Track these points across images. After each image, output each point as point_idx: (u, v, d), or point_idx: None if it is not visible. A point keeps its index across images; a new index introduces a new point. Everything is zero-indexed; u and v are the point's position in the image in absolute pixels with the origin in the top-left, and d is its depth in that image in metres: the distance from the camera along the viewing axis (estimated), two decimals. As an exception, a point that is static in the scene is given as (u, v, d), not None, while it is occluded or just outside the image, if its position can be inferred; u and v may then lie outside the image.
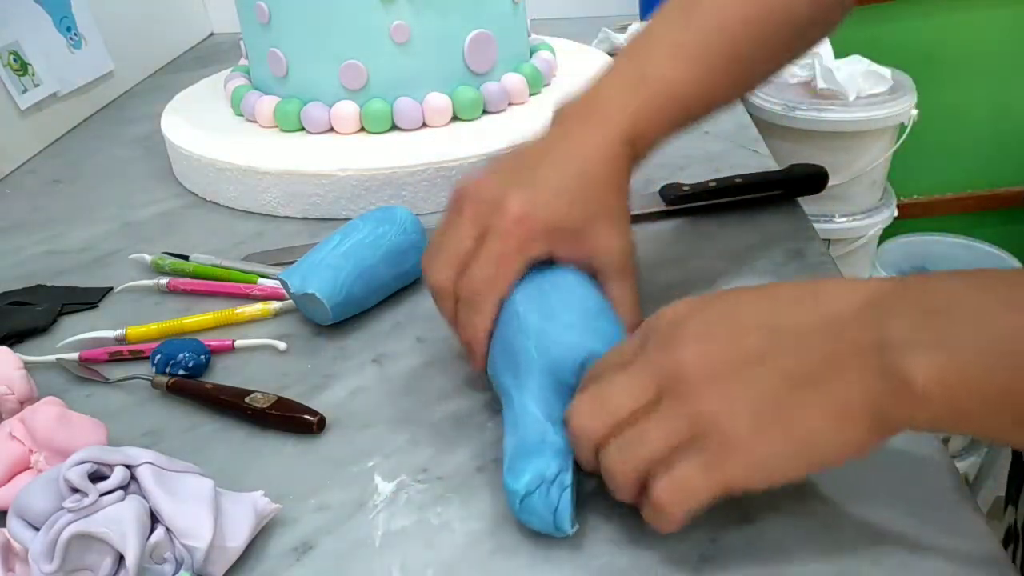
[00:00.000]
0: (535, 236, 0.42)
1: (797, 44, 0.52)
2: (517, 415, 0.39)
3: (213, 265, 0.61)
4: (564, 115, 0.48)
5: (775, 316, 0.33)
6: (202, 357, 0.50)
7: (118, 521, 0.34)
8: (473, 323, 0.43)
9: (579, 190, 0.44)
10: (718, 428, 0.32)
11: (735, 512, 0.38)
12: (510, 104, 0.76)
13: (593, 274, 0.44)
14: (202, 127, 0.76)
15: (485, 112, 0.75)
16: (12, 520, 0.35)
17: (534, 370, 0.40)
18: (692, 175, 0.66)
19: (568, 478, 0.37)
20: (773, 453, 0.32)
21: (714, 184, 0.64)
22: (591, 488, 0.40)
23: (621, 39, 1.01)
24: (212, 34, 1.31)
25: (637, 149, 0.46)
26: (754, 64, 0.51)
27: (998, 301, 0.30)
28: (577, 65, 0.86)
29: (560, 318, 0.41)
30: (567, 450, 0.37)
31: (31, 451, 0.42)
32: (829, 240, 1.37)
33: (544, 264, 0.44)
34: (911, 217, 1.61)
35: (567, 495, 0.36)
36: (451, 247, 0.43)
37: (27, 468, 0.42)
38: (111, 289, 0.60)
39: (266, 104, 0.74)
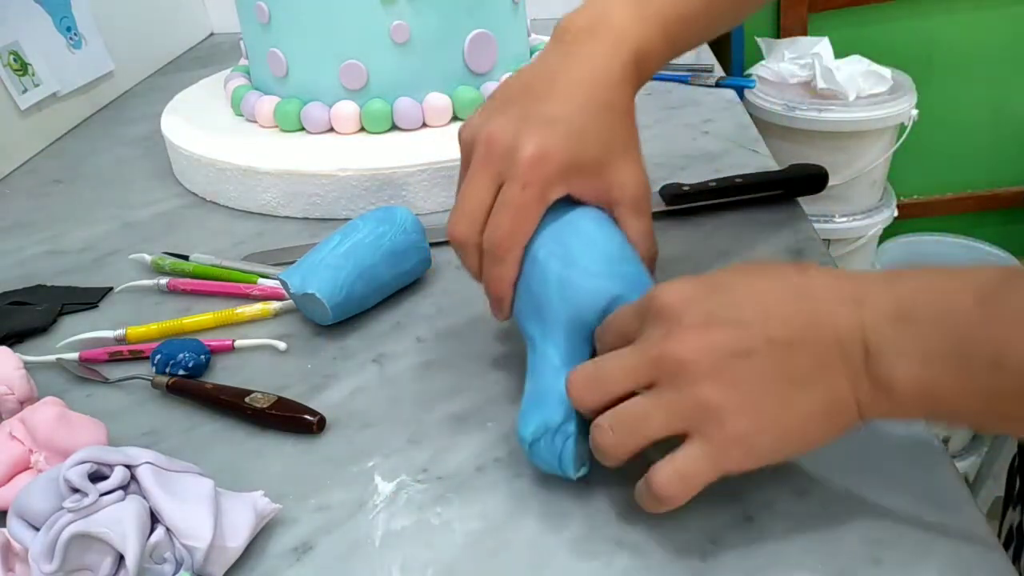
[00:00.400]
0: (552, 179, 0.41)
1: None
2: (537, 361, 0.41)
3: (213, 265, 0.61)
4: (567, 32, 0.46)
5: (772, 315, 0.34)
6: (202, 357, 0.50)
7: (118, 521, 0.34)
8: (499, 275, 0.42)
9: (592, 121, 0.43)
10: (719, 419, 0.33)
11: (735, 512, 0.38)
12: (510, 104, 0.76)
13: (609, 208, 0.44)
14: (202, 127, 0.76)
15: (485, 112, 0.74)
16: (12, 520, 0.35)
17: (558, 318, 0.40)
18: (692, 175, 0.66)
19: (572, 427, 0.38)
20: (769, 442, 0.34)
21: (714, 184, 0.64)
22: (590, 489, 0.40)
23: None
24: (212, 34, 1.31)
25: (642, 71, 0.45)
26: None
27: (972, 299, 0.31)
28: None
29: (581, 264, 0.41)
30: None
31: (31, 451, 0.42)
32: (829, 240, 1.37)
33: (561, 203, 0.43)
34: (911, 217, 1.61)
35: (570, 443, 0.38)
36: (469, 201, 0.42)
37: (27, 468, 0.42)
38: (111, 289, 0.60)
39: (266, 104, 0.74)
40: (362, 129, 0.72)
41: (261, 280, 0.58)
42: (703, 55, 1.00)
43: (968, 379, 0.31)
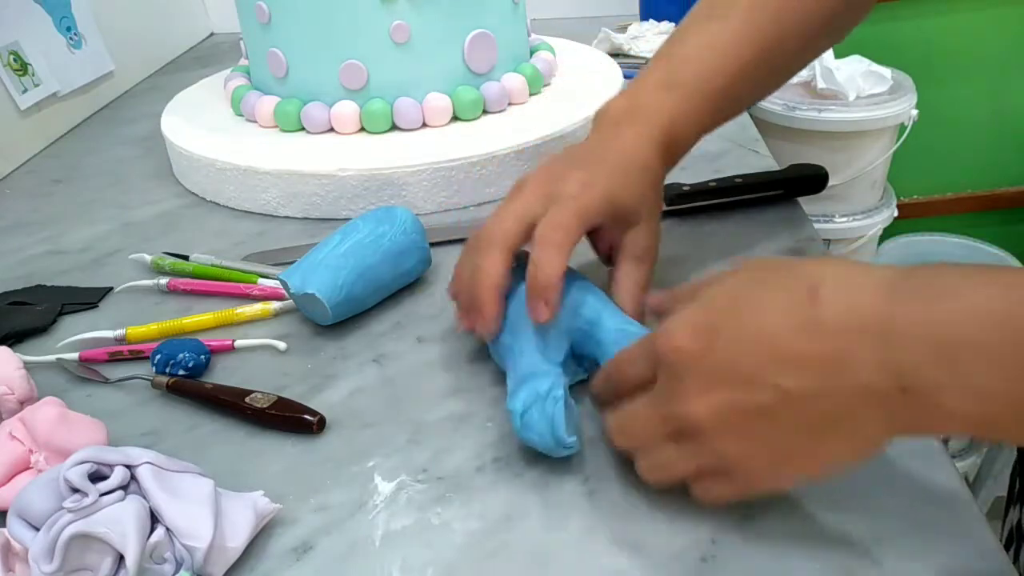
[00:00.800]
0: (596, 204, 0.44)
1: (824, 39, 0.53)
2: (516, 359, 0.44)
3: (213, 265, 0.61)
4: (604, 119, 0.50)
5: (784, 363, 0.31)
6: (202, 357, 0.50)
7: (118, 521, 0.34)
8: (548, 259, 0.43)
9: (628, 178, 0.46)
10: (742, 467, 0.34)
11: (735, 512, 0.38)
12: (510, 104, 0.76)
13: (616, 255, 0.48)
14: (202, 127, 0.76)
15: (485, 112, 0.75)
16: (12, 520, 0.35)
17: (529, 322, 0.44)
18: (692, 175, 0.66)
19: (560, 392, 0.40)
20: (793, 479, 0.36)
21: (714, 184, 0.64)
22: (590, 489, 0.40)
23: (621, 39, 1.01)
24: (212, 34, 1.31)
25: (675, 146, 0.49)
26: (784, 58, 0.52)
27: (1009, 308, 0.28)
28: (577, 65, 0.86)
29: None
30: (559, 375, 0.42)
31: (31, 451, 0.42)
32: (829, 240, 1.37)
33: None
34: (911, 217, 1.61)
35: (560, 406, 0.40)
36: (518, 208, 0.45)
37: (27, 468, 0.42)
38: (111, 289, 0.60)
39: (266, 104, 0.74)
40: (362, 129, 0.72)
41: (261, 280, 0.58)
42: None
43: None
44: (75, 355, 0.52)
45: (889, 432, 0.31)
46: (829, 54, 1.32)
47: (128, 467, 0.36)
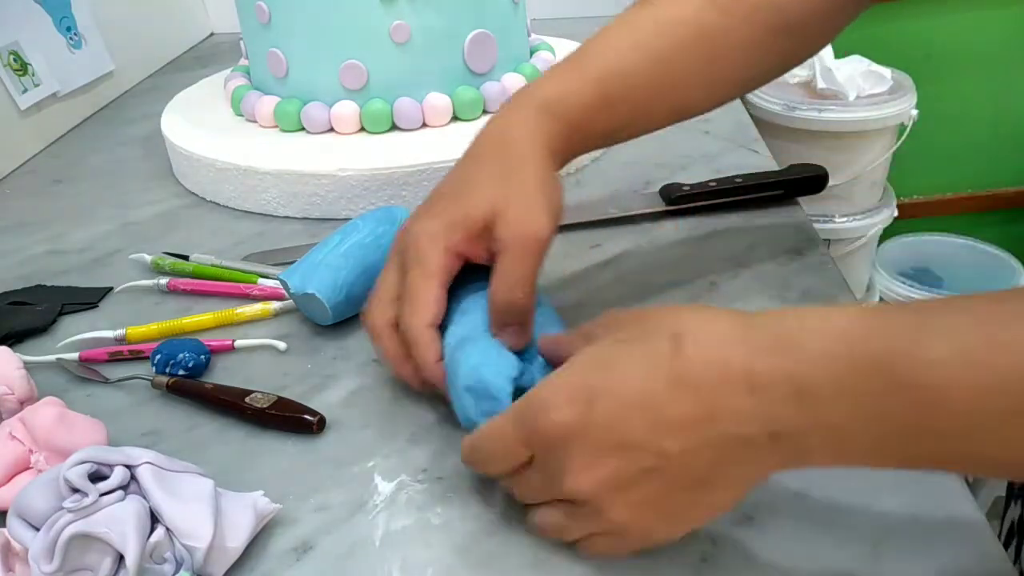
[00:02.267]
0: (441, 256, 0.42)
1: (790, 41, 0.50)
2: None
3: (213, 265, 0.61)
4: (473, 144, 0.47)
5: (659, 424, 0.32)
6: (202, 357, 0.50)
7: (118, 521, 0.34)
8: (417, 357, 0.43)
9: (475, 177, 0.44)
10: (628, 531, 0.34)
11: (735, 512, 0.38)
12: (510, 104, 0.76)
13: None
14: (202, 127, 0.76)
15: (485, 112, 0.75)
16: (12, 520, 0.35)
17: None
18: (692, 175, 0.66)
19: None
20: (680, 531, 0.35)
21: (714, 184, 0.64)
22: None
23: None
24: (212, 34, 1.31)
25: (560, 114, 0.45)
26: (726, 58, 0.48)
27: (871, 367, 0.29)
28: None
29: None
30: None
31: (31, 451, 0.42)
32: (829, 240, 1.37)
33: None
34: (911, 217, 1.61)
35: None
36: (380, 290, 0.45)
37: (27, 468, 0.42)
38: (111, 289, 0.60)
39: (266, 104, 0.74)
40: (362, 129, 0.72)
41: (261, 280, 0.58)
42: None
43: (889, 448, 0.30)
44: (75, 355, 0.52)
45: (765, 474, 0.33)
46: (829, 54, 1.32)
47: (128, 467, 0.36)
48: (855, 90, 1.28)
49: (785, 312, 0.32)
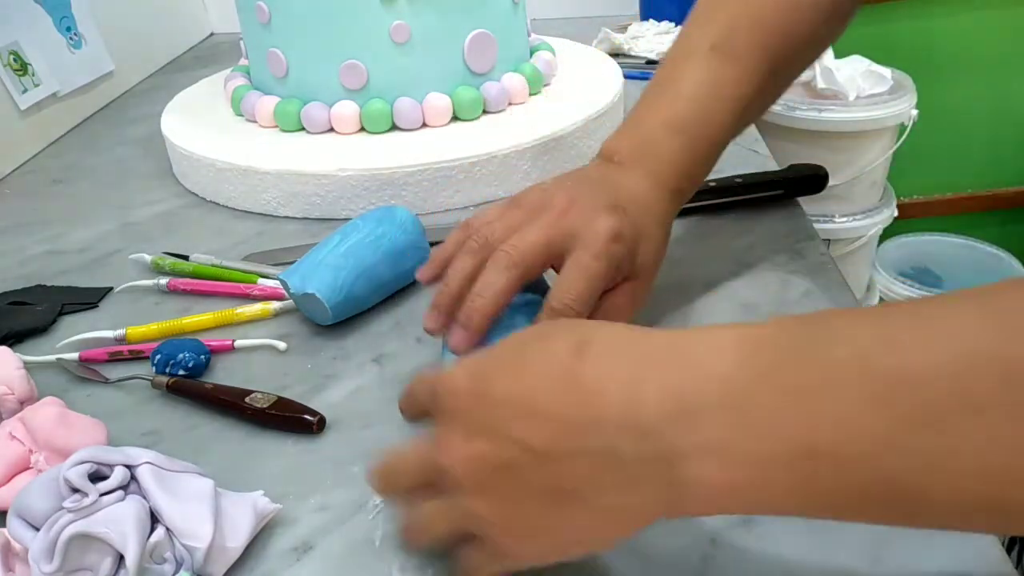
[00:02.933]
0: (618, 259, 0.43)
1: (812, 54, 0.54)
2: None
3: (213, 265, 0.61)
4: (616, 153, 0.49)
5: (534, 421, 0.31)
6: (202, 357, 0.50)
7: (118, 521, 0.34)
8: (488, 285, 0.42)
9: (646, 232, 0.45)
10: (490, 533, 0.32)
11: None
12: (510, 104, 0.76)
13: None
14: (202, 127, 0.76)
15: (485, 112, 0.75)
16: (12, 520, 0.35)
17: None
18: (692, 175, 0.66)
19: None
20: (544, 551, 0.32)
21: (714, 184, 0.64)
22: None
23: (621, 39, 1.01)
24: (212, 34, 1.31)
25: (680, 200, 0.49)
26: (779, 82, 0.53)
27: (753, 375, 0.28)
28: (577, 65, 0.86)
29: None
30: None
31: (31, 451, 0.42)
32: (829, 240, 1.37)
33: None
34: (911, 217, 1.61)
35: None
36: (544, 232, 0.43)
37: (27, 468, 0.42)
38: (111, 289, 0.60)
39: (266, 104, 0.74)
40: (362, 129, 0.72)
41: (261, 280, 0.58)
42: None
43: (779, 473, 0.27)
44: (75, 355, 0.52)
45: (645, 496, 0.29)
46: (829, 54, 1.32)
47: (128, 467, 0.36)
48: (855, 90, 1.28)
49: (686, 331, 0.31)
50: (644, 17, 1.11)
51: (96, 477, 0.35)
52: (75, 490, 0.34)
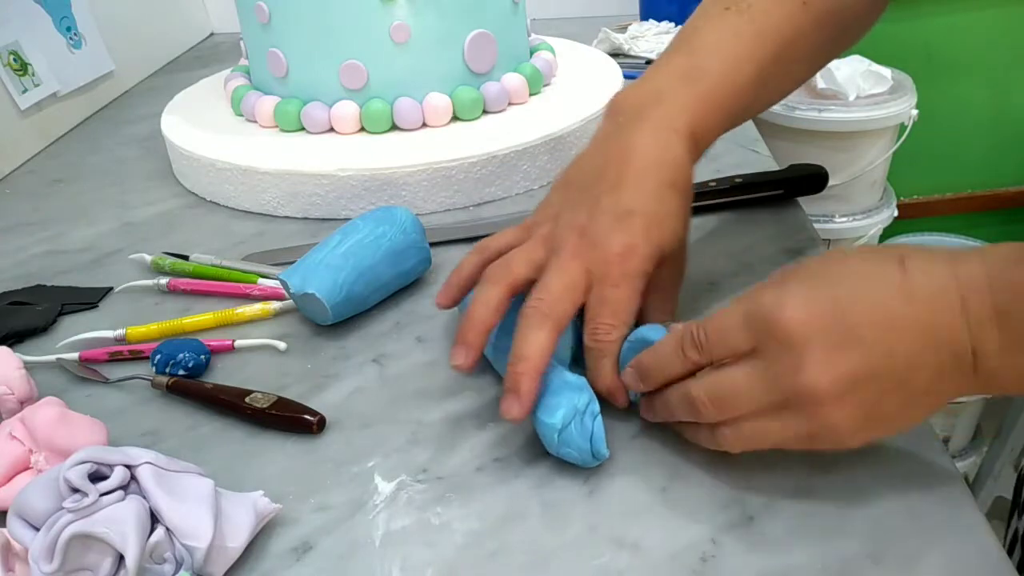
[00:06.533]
0: (639, 273, 0.43)
1: (835, 43, 0.53)
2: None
3: (213, 265, 0.61)
4: (621, 112, 0.47)
5: (889, 330, 0.34)
6: (202, 357, 0.50)
7: (118, 521, 0.34)
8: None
9: (664, 207, 0.44)
10: (835, 434, 0.36)
11: (735, 512, 0.38)
12: (510, 104, 0.76)
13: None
14: (202, 127, 0.76)
15: (485, 112, 0.75)
16: (12, 520, 0.35)
17: None
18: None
19: (597, 407, 0.40)
20: (873, 437, 0.37)
21: (714, 184, 0.64)
22: (590, 489, 0.40)
23: (621, 39, 1.01)
24: (212, 34, 1.31)
25: (699, 147, 0.48)
26: (797, 59, 0.51)
27: None
28: (577, 65, 0.86)
29: None
30: (587, 385, 0.41)
31: (31, 451, 0.42)
32: (829, 240, 1.37)
33: None
34: (911, 217, 1.61)
35: (600, 421, 0.40)
36: (565, 280, 0.42)
37: (27, 468, 0.42)
38: (111, 289, 0.60)
39: (266, 104, 0.74)
40: (362, 129, 0.72)
41: (261, 280, 0.58)
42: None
43: None
44: (75, 355, 0.52)
45: (962, 389, 0.35)
46: (829, 54, 1.32)
47: (128, 467, 0.36)
48: (855, 90, 1.28)
49: (982, 249, 0.35)
50: (644, 17, 1.11)
51: (96, 477, 0.35)
52: (75, 490, 0.34)
